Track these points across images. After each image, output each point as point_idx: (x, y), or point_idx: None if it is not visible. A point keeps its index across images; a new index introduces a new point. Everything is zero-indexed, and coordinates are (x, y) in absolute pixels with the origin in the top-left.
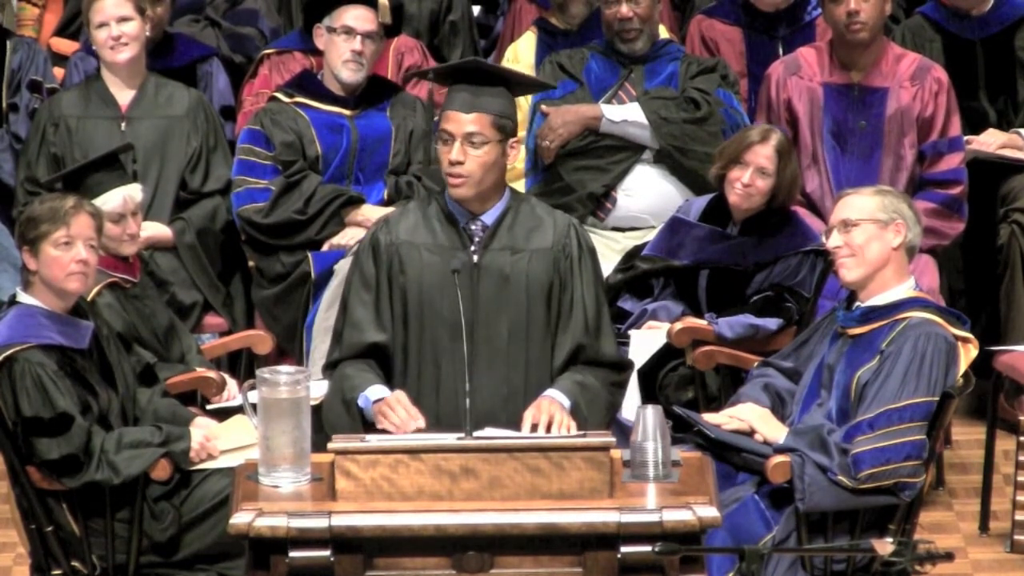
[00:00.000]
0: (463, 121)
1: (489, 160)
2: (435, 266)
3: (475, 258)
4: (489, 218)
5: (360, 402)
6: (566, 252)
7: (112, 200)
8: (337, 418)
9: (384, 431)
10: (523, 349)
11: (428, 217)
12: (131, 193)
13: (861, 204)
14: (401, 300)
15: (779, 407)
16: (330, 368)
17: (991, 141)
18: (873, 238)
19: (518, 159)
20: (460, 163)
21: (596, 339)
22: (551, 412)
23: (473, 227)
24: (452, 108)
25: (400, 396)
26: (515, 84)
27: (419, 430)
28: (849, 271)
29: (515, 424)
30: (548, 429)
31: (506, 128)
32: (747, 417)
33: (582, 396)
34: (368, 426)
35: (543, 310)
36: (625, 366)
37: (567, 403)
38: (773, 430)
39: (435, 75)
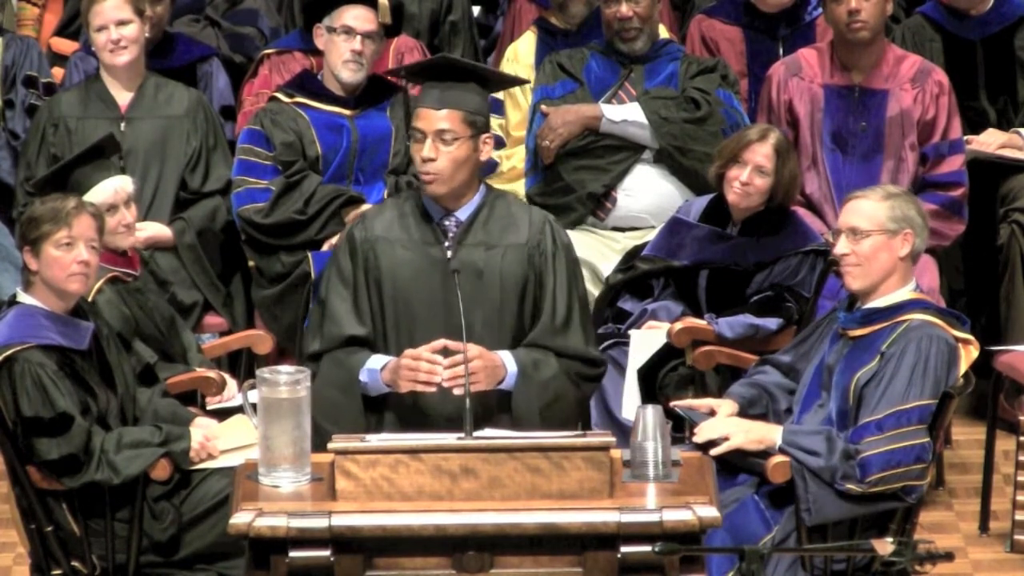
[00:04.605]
0: (434, 118)
1: (460, 156)
2: (409, 262)
3: (448, 253)
4: (463, 214)
5: (363, 377)
6: (540, 248)
7: (103, 191)
8: (331, 406)
9: (406, 423)
10: (496, 344)
11: (404, 213)
12: (121, 184)
13: (871, 212)
14: (378, 295)
15: (763, 400)
16: (312, 359)
17: (991, 141)
18: (881, 249)
19: (518, 159)
20: (432, 160)
21: (563, 333)
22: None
23: (447, 223)
24: (423, 105)
25: (412, 352)
26: (487, 80)
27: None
28: (854, 279)
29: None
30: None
31: (477, 124)
32: (734, 442)
33: (534, 371)
34: (370, 403)
35: (516, 305)
36: (596, 362)
37: (513, 366)
38: (764, 437)
39: (407, 73)
